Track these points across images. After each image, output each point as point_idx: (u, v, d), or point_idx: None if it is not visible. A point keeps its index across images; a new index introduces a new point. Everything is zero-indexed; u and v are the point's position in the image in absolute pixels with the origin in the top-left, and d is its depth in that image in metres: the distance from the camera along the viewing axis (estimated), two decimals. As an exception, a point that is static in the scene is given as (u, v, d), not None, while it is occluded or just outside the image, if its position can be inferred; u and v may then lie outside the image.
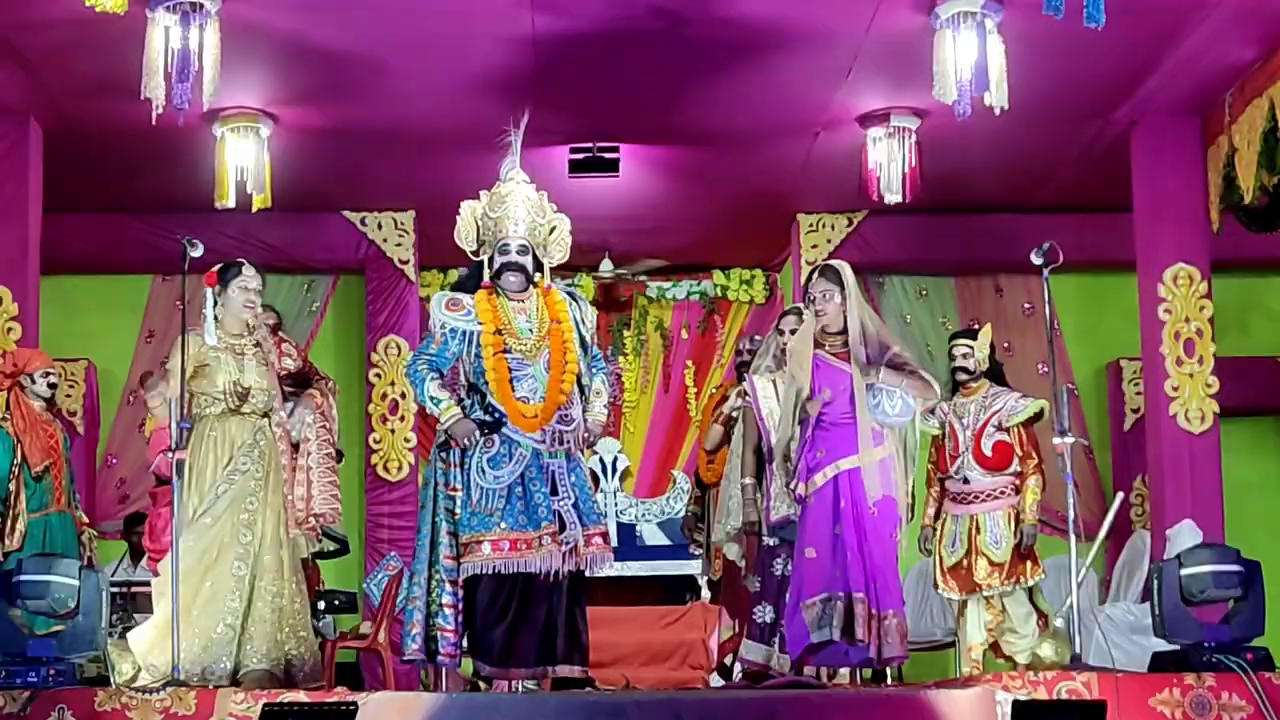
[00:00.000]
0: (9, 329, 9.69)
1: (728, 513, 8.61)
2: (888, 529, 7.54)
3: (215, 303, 7.67)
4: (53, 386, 8.98)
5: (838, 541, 7.45)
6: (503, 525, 7.11)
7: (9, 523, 8.60)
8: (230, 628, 7.41)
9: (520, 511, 7.14)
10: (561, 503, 7.22)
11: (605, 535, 7.37)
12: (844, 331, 7.67)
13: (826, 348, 7.70)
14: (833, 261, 8.01)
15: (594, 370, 7.47)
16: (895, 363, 7.63)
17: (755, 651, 8.04)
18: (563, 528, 7.16)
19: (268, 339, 7.89)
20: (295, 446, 7.85)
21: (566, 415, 7.27)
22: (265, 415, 7.68)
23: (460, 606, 7.16)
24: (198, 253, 7.49)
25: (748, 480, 8.30)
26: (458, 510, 7.18)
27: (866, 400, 7.58)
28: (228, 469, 7.53)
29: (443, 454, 7.28)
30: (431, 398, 7.24)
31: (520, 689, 7.20)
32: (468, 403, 7.28)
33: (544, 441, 7.22)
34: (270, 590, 7.54)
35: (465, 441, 7.18)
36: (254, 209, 9.93)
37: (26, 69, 9.16)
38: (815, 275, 7.84)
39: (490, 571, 7.09)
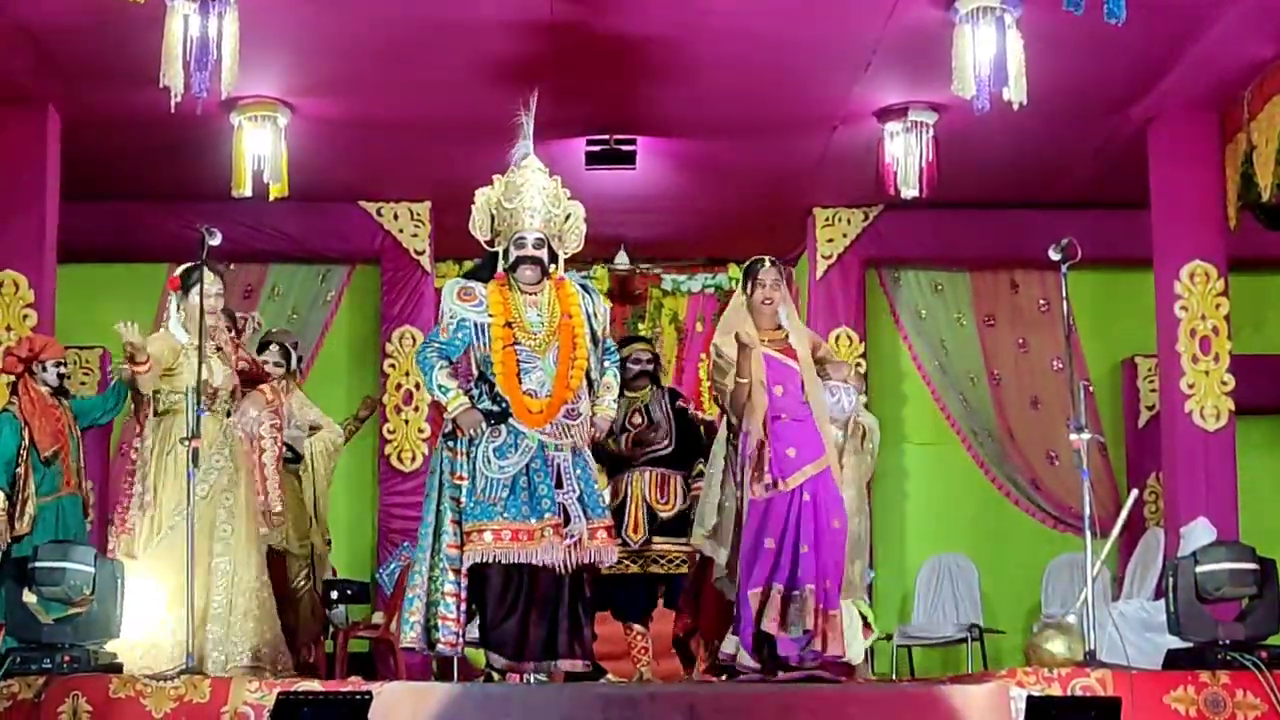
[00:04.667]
0: (25, 316, 9.71)
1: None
2: (841, 526, 7.59)
3: (178, 306, 7.94)
4: (61, 376, 9.02)
5: (792, 536, 7.47)
6: (505, 515, 7.09)
7: (18, 506, 8.63)
8: (219, 623, 7.53)
9: (524, 503, 7.12)
10: (566, 495, 7.20)
11: (610, 529, 7.34)
12: (780, 328, 7.70)
13: (768, 342, 7.69)
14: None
15: (606, 364, 7.46)
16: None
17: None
18: (567, 520, 7.15)
19: (226, 339, 8.03)
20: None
21: (574, 410, 7.23)
22: (228, 414, 7.87)
23: (463, 595, 7.15)
24: (216, 241, 7.54)
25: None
26: (463, 499, 7.16)
27: (825, 398, 7.61)
28: (203, 468, 7.56)
29: (449, 443, 7.26)
30: (439, 386, 7.22)
31: (531, 680, 7.20)
32: (475, 392, 7.27)
33: (550, 434, 7.21)
34: (252, 586, 7.66)
35: (471, 431, 7.16)
36: (271, 198, 9.95)
37: (45, 57, 9.16)
38: (767, 264, 7.78)
39: (492, 560, 7.08)
